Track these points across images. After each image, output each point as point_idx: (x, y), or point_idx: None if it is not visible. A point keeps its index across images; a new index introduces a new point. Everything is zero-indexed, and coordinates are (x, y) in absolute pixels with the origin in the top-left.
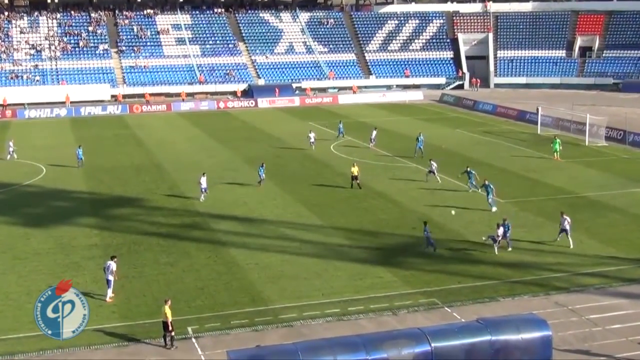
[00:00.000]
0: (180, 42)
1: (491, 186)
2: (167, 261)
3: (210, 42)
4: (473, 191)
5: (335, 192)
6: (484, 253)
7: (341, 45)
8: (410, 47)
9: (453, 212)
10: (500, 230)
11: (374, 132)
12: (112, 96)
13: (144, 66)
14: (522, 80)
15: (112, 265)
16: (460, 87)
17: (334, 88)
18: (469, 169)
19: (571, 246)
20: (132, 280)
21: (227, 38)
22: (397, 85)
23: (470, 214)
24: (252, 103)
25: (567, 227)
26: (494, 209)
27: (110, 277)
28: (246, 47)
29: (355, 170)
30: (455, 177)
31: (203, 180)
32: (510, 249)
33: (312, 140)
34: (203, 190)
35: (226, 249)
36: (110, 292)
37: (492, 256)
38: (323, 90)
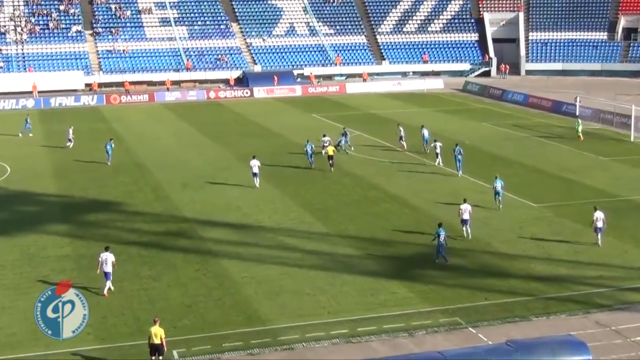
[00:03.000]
0: (165, 23)
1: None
2: (149, 274)
3: (199, 22)
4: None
5: (342, 195)
6: (514, 265)
7: (349, 27)
8: (429, 29)
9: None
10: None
11: (402, 130)
12: (87, 85)
13: (123, 50)
14: (558, 66)
15: (110, 256)
16: (487, 74)
17: (341, 75)
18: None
19: (599, 245)
20: (110, 297)
21: (219, 18)
22: (414, 72)
23: (498, 220)
24: (247, 93)
25: (600, 225)
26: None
27: (109, 269)
28: (240, 28)
29: (330, 150)
30: (481, 177)
31: (254, 163)
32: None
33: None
34: (255, 175)
35: (217, 260)
36: (109, 284)
37: (524, 269)
38: (329, 77)
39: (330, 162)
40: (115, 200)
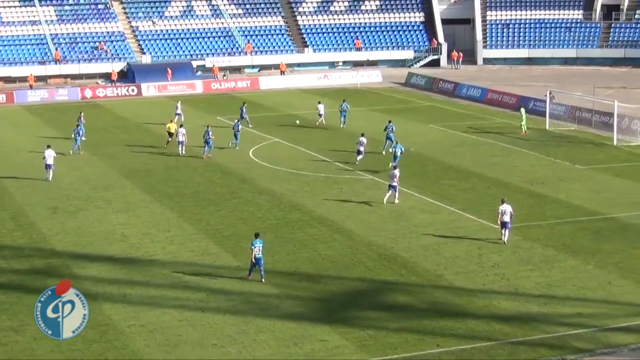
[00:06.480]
0: (26, 2)
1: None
2: (9, 325)
3: (71, 0)
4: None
5: (257, 219)
6: (473, 302)
7: (262, 6)
8: (363, 7)
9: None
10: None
11: (322, 108)
12: None
13: None
14: (523, 53)
15: None
16: (435, 63)
17: (253, 67)
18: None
19: (504, 241)
20: None
21: None
22: (344, 62)
23: (452, 246)
24: (133, 90)
25: (507, 219)
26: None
27: None
28: (123, 8)
29: (172, 127)
30: (430, 194)
31: (49, 153)
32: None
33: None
34: (48, 167)
35: (97, 304)
36: None
37: (485, 307)
38: (237, 70)
39: (169, 139)
40: None
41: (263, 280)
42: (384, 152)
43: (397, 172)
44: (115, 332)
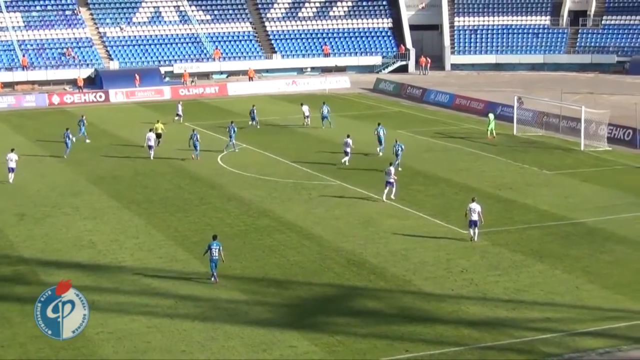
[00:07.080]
0: None
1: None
2: None
3: (38, 7)
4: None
5: (225, 225)
6: (441, 307)
7: (230, 12)
8: (331, 13)
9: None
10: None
11: (307, 109)
12: None
13: None
14: (491, 58)
15: None
16: (403, 69)
17: (221, 73)
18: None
19: (475, 240)
20: None
21: (63, 1)
22: (313, 68)
23: (421, 251)
24: (100, 96)
25: (475, 218)
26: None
27: None
28: (91, 14)
29: (159, 127)
30: (399, 199)
31: (11, 157)
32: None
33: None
34: (11, 170)
35: None
36: None
37: (454, 312)
38: (205, 76)
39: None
40: None
41: (216, 281)
42: (380, 154)
43: (392, 168)
44: (83, 339)
